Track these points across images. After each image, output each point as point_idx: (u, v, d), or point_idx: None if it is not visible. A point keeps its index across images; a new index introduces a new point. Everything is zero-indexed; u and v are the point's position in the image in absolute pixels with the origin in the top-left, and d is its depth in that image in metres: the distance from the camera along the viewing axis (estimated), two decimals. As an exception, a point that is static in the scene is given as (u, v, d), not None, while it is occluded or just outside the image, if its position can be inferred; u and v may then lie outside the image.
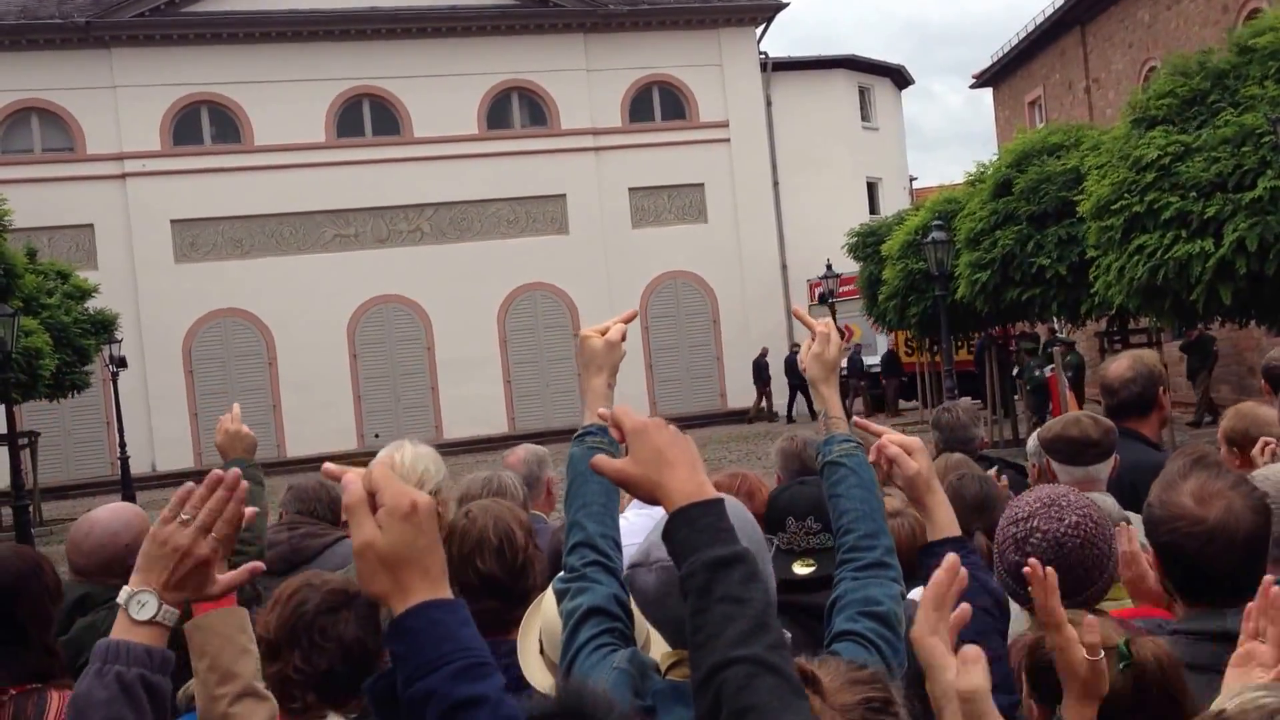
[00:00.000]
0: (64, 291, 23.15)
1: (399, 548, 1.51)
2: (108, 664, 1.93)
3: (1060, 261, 17.32)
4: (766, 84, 35.20)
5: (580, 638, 2.25)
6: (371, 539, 1.51)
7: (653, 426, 1.84)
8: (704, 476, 1.80)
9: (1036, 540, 2.73)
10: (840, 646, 2.26)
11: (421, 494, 1.55)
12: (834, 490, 2.54)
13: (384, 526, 1.51)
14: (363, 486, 1.54)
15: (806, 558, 3.01)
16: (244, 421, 4.09)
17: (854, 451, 2.57)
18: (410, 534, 1.51)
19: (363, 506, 1.53)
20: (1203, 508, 2.42)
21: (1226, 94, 13.03)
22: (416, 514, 1.52)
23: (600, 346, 2.67)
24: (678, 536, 1.74)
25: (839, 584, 2.40)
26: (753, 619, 1.63)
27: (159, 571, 1.98)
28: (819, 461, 2.64)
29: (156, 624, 1.97)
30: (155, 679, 1.95)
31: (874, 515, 2.47)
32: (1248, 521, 2.40)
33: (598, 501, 2.45)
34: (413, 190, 31.88)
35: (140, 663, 1.93)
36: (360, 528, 1.52)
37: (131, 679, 1.92)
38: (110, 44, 30.22)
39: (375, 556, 1.51)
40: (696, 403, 33.37)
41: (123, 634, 1.96)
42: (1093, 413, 4.41)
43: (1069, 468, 3.96)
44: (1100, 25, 29.24)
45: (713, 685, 1.59)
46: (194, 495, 2.03)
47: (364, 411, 31.65)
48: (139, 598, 1.97)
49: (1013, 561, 2.72)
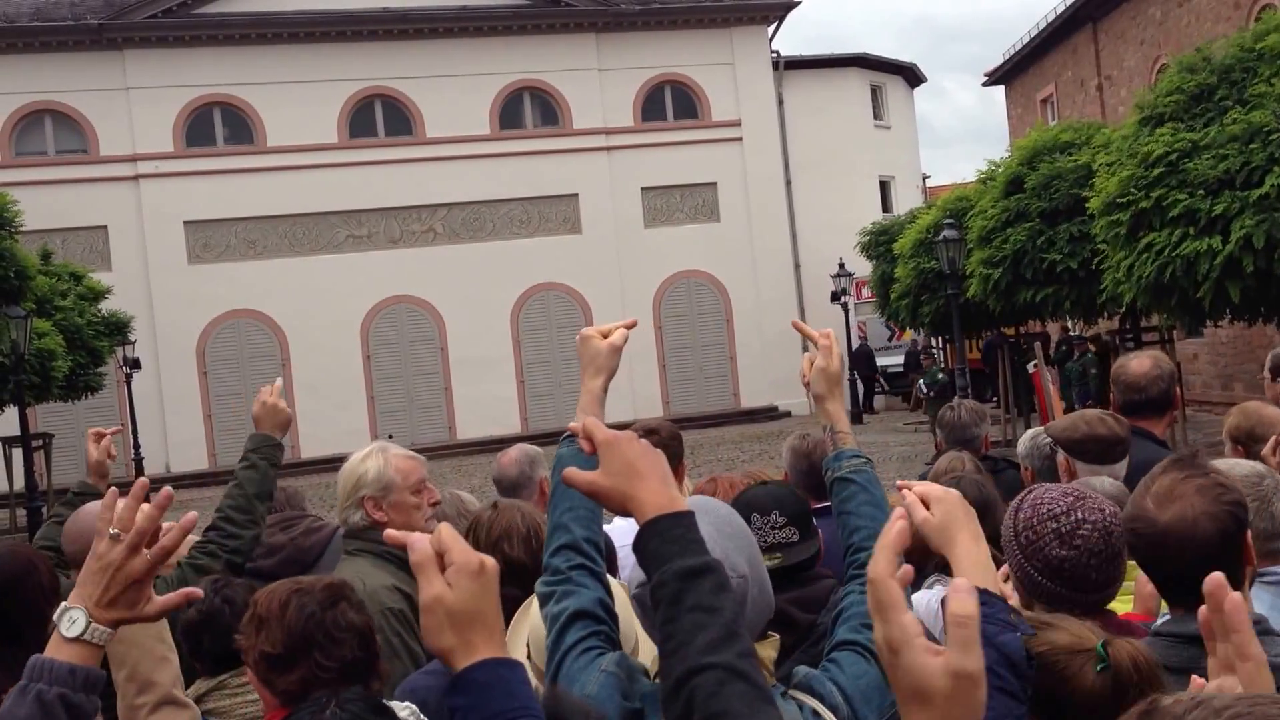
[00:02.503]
0: (77, 293, 23.21)
1: (467, 604, 1.57)
2: (31, 682, 1.88)
3: (1072, 257, 17.28)
4: (778, 83, 35.17)
5: (567, 641, 2.24)
6: (441, 595, 1.56)
7: (624, 439, 1.85)
8: (675, 489, 1.82)
9: (1087, 532, 2.70)
10: (841, 655, 2.29)
11: (489, 558, 1.61)
12: (843, 507, 2.56)
13: (454, 584, 1.57)
14: (430, 546, 1.59)
15: (773, 553, 3.01)
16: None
17: (863, 468, 2.58)
18: (479, 592, 1.58)
19: (431, 564, 1.58)
20: (1159, 509, 2.40)
21: (1234, 90, 12.98)
22: (485, 573, 1.59)
23: (603, 349, 2.61)
24: (648, 547, 1.76)
25: (846, 596, 2.42)
26: (723, 627, 1.64)
27: (92, 588, 1.94)
28: (827, 477, 2.64)
29: (85, 642, 1.92)
30: (77, 699, 1.89)
31: None
32: (1205, 526, 2.36)
33: (584, 505, 2.43)
34: (425, 190, 31.93)
35: (62, 682, 1.88)
36: (430, 584, 1.57)
37: (51, 699, 1.87)
38: (123, 45, 30.32)
39: (444, 612, 1.56)
40: (710, 402, 33.38)
41: (53, 651, 1.92)
42: (1101, 412, 4.39)
43: (1097, 466, 3.92)
44: (1112, 22, 29.14)
45: (683, 692, 1.60)
46: (120, 506, 1.96)
47: (377, 412, 31.70)
48: (70, 614, 1.92)
49: (1059, 557, 2.70)
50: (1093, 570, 2.70)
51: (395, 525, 3.77)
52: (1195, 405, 22.56)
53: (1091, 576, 2.71)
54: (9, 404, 19.73)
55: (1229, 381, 23.05)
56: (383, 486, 3.83)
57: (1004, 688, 2.16)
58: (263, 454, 4.12)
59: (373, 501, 3.83)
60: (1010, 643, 2.19)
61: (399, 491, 3.85)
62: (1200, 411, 22.55)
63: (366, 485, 3.84)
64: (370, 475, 3.84)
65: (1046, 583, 2.73)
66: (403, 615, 3.60)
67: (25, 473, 18.95)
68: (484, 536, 3.13)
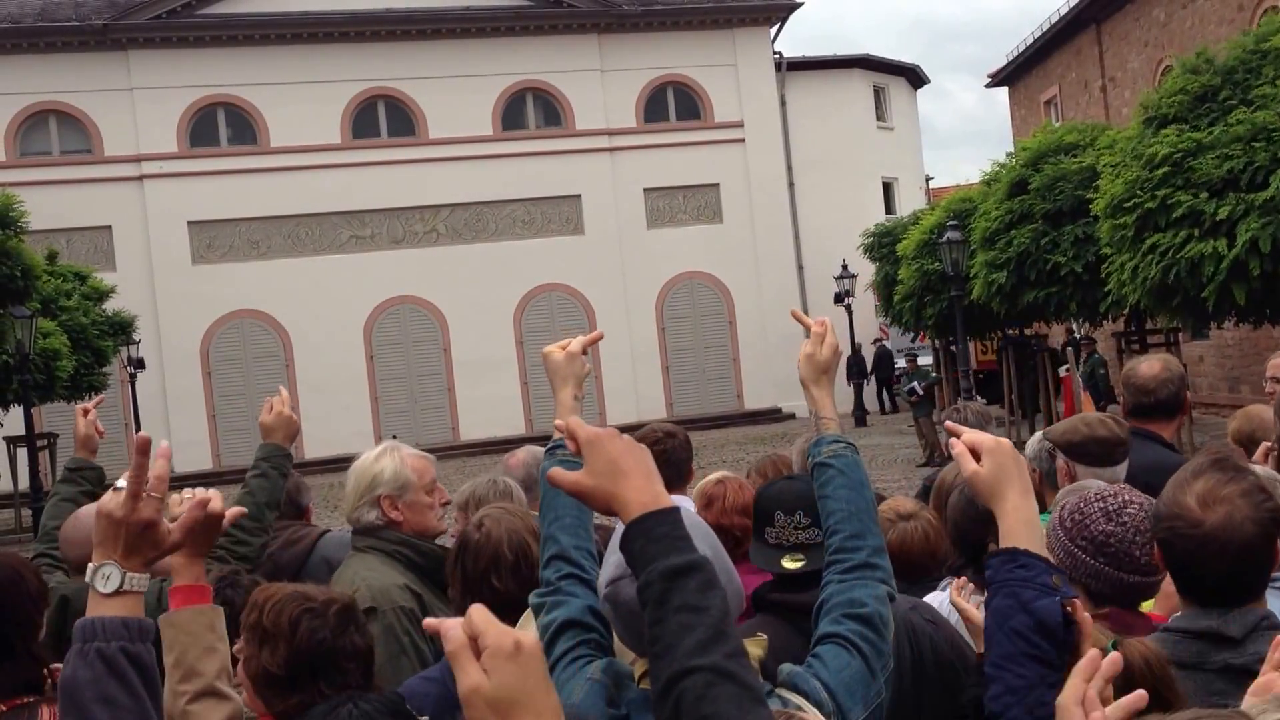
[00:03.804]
0: (82, 293, 23.26)
1: (507, 690, 1.44)
2: (87, 643, 1.93)
3: (1076, 260, 17.26)
4: (781, 84, 35.16)
5: (557, 651, 2.23)
6: (478, 684, 1.43)
7: (606, 436, 1.82)
8: (660, 486, 1.79)
9: (1134, 511, 2.74)
10: (823, 649, 2.25)
11: (526, 634, 1.49)
12: (822, 491, 2.51)
13: (489, 670, 1.44)
14: (464, 631, 1.47)
15: (795, 553, 2.95)
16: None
17: (843, 452, 2.53)
18: (518, 675, 1.44)
19: (466, 652, 1.46)
20: (1204, 511, 2.37)
21: (1238, 91, 12.98)
22: (521, 653, 1.45)
23: (561, 359, 2.70)
24: (634, 547, 1.73)
25: (826, 586, 2.38)
26: (710, 627, 1.63)
27: (112, 543, 2.01)
28: (809, 463, 2.60)
29: (126, 593, 1.98)
30: (136, 649, 1.95)
31: (860, 516, 2.43)
32: (1247, 531, 2.34)
33: (570, 514, 2.44)
34: (428, 191, 31.94)
35: (118, 635, 1.94)
36: (466, 674, 1.45)
37: (112, 653, 1.92)
38: (127, 46, 30.35)
39: (484, 703, 1.43)
40: (713, 404, 33.38)
41: (96, 610, 1.97)
42: (1102, 414, 4.39)
43: (1097, 469, 3.91)
44: (1116, 24, 29.13)
45: (672, 695, 1.59)
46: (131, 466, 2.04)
47: (381, 413, 31.71)
48: (102, 571, 1.99)
49: (1105, 532, 2.73)
50: (1137, 548, 2.71)
51: (410, 524, 3.81)
52: (1201, 408, 22.54)
53: (1136, 554, 2.71)
54: (14, 404, 19.75)
55: (1235, 384, 23.03)
56: (399, 485, 3.83)
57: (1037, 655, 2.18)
58: (274, 463, 4.16)
59: (389, 500, 3.82)
60: (1046, 608, 2.19)
61: (414, 491, 3.85)
62: (1206, 414, 22.53)
63: (383, 484, 3.82)
64: (386, 474, 3.83)
65: (1091, 560, 2.73)
66: (413, 614, 3.59)
67: (30, 472, 18.95)
68: (470, 567, 3.07)
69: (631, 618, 2.04)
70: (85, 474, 4.38)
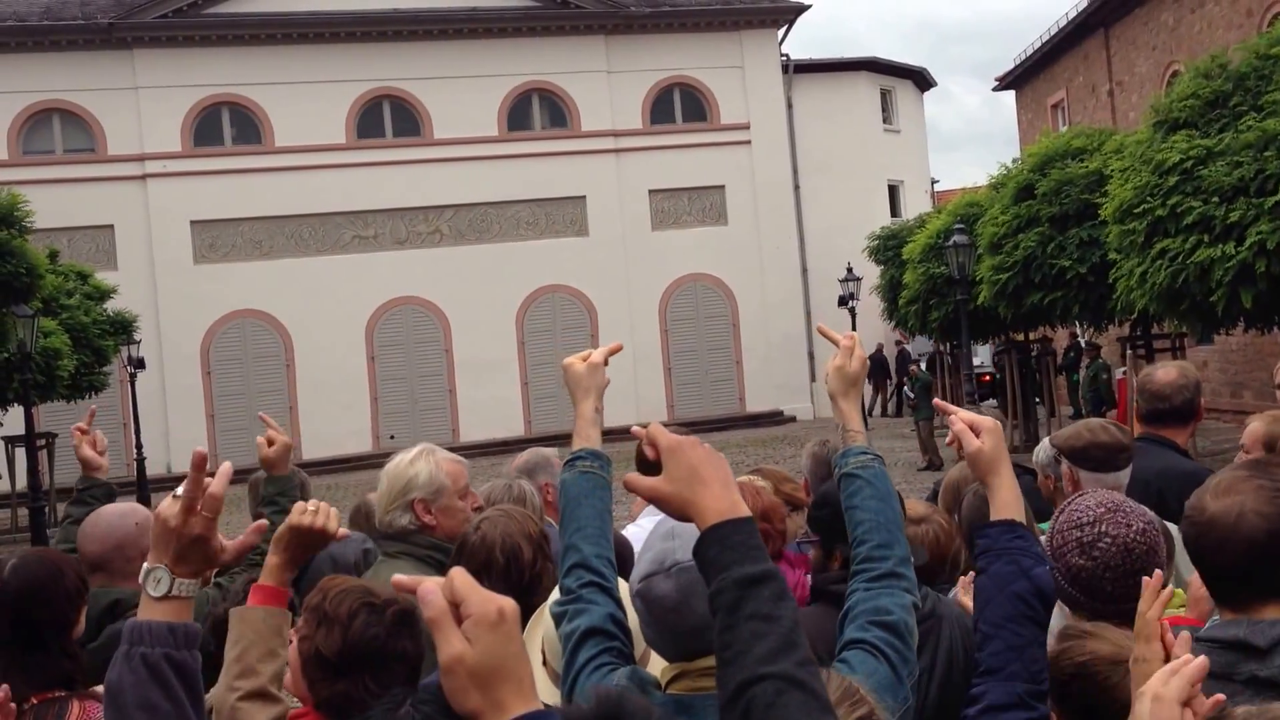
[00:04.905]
0: (83, 292, 23.22)
1: (490, 659, 1.40)
2: (134, 646, 1.97)
3: (1081, 263, 17.20)
4: (788, 86, 35.12)
5: (580, 659, 2.28)
6: (460, 653, 1.39)
7: (687, 444, 1.85)
8: (737, 495, 1.81)
9: (1105, 545, 2.76)
10: (850, 655, 2.29)
11: (507, 600, 1.45)
12: (850, 502, 2.57)
13: (472, 638, 1.40)
14: (444, 597, 1.44)
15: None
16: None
17: (870, 464, 2.60)
18: (501, 643, 1.41)
19: (447, 619, 1.42)
20: (1214, 500, 2.39)
21: (1249, 97, 12.92)
22: (505, 621, 1.42)
23: (582, 370, 2.71)
24: (709, 553, 1.75)
25: (852, 594, 2.43)
26: (782, 636, 1.64)
27: (164, 548, 2.05)
28: (836, 474, 2.67)
29: (175, 598, 2.02)
30: (180, 656, 1.98)
31: (888, 526, 2.50)
32: (1250, 523, 2.32)
33: (592, 524, 2.48)
34: (432, 192, 31.92)
35: (163, 641, 1.97)
36: (447, 642, 1.40)
37: (156, 659, 1.95)
38: (132, 45, 30.34)
39: (466, 672, 1.39)
40: (715, 406, 33.33)
41: (146, 613, 2.01)
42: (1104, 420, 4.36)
43: (1100, 475, 3.92)
44: (1124, 28, 29.04)
45: (741, 702, 1.60)
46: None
47: (381, 413, 31.68)
48: (154, 574, 2.03)
49: (1077, 565, 2.78)
50: (1107, 583, 2.76)
51: (443, 529, 3.76)
52: (1205, 413, 22.46)
53: (1106, 589, 2.76)
54: (14, 403, 19.70)
55: (1239, 389, 22.97)
56: (435, 490, 3.77)
57: (1033, 617, 2.44)
58: (290, 497, 4.08)
59: (423, 504, 3.76)
60: (1042, 575, 2.46)
61: (448, 495, 3.79)
62: (1209, 419, 22.43)
63: (418, 488, 3.76)
64: (422, 478, 3.77)
65: (1067, 587, 2.80)
66: None
67: (29, 472, 18.88)
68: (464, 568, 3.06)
69: (663, 614, 2.15)
70: (94, 493, 4.34)
